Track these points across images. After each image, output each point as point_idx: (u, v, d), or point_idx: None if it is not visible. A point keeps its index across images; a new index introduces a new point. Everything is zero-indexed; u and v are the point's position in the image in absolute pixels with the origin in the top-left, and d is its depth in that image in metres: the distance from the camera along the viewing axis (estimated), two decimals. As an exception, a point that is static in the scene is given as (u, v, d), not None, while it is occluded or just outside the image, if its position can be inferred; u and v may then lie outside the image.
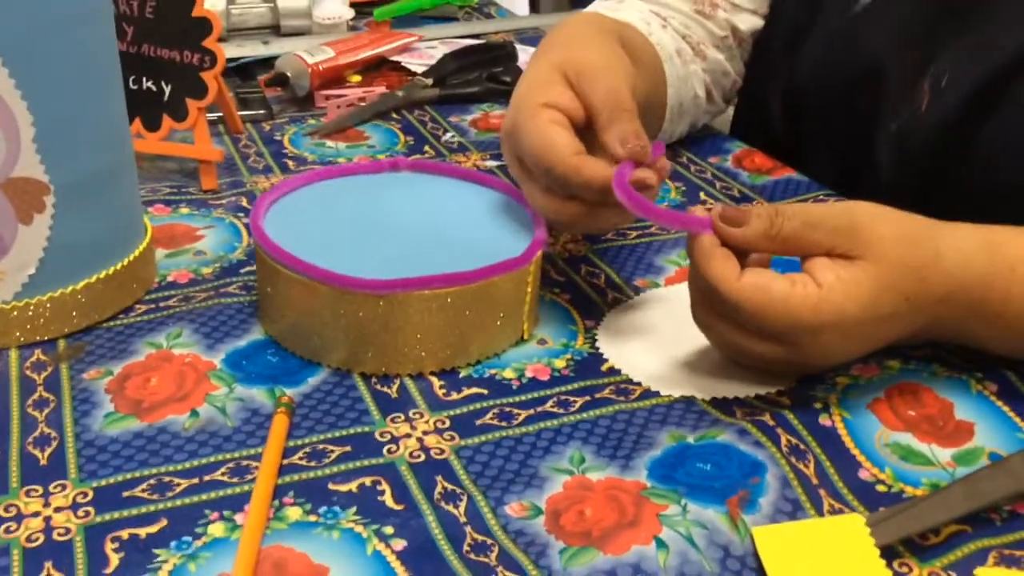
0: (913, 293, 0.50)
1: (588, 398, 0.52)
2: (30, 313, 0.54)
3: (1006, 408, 0.53)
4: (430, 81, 0.97)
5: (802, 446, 0.49)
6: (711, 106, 0.85)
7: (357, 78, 1.00)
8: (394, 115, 0.93)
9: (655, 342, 0.57)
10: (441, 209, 0.61)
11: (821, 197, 0.77)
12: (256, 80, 0.99)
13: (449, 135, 0.88)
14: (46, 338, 0.55)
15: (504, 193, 0.62)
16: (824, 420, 0.51)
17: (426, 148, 0.85)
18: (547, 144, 0.54)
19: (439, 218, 0.60)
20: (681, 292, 0.55)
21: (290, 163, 0.81)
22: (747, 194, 0.78)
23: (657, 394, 0.53)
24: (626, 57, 0.61)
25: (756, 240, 0.50)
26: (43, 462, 0.46)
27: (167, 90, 0.75)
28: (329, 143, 0.86)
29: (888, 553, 0.43)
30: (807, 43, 0.81)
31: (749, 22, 0.84)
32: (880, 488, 0.47)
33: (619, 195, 0.51)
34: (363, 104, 0.93)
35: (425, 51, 1.08)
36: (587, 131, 0.56)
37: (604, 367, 0.55)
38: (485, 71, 1.00)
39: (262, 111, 0.91)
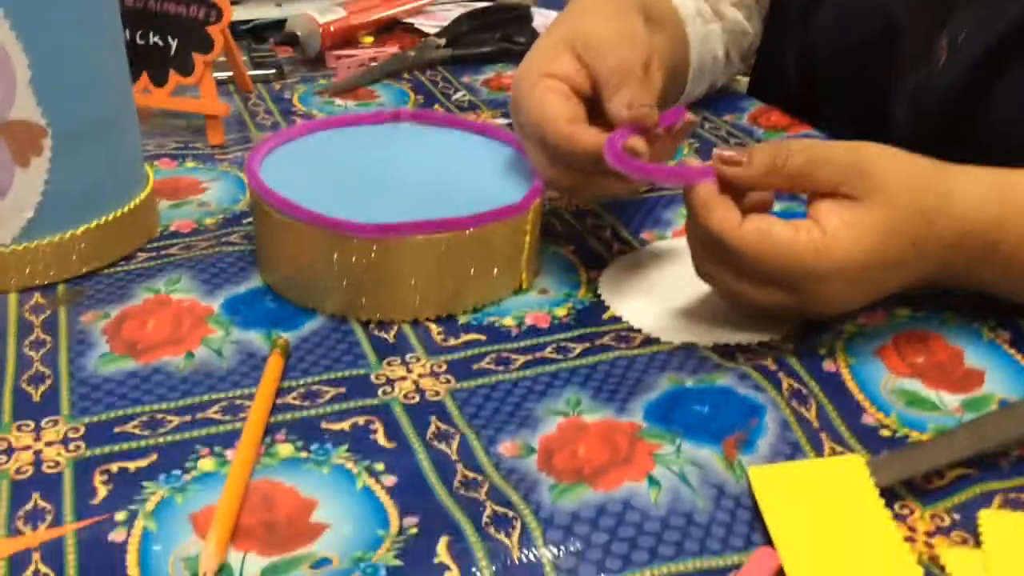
0: (921, 238, 0.48)
1: (588, 344, 0.51)
2: (29, 257, 0.54)
3: (1018, 356, 0.51)
4: (443, 41, 0.96)
5: (804, 390, 0.48)
6: (729, 67, 0.83)
7: (369, 39, 0.99)
8: (405, 75, 0.92)
9: (659, 291, 0.56)
10: (442, 160, 0.60)
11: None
12: (268, 43, 0.98)
13: (460, 94, 0.87)
14: (45, 282, 0.55)
15: (507, 144, 0.62)
16: (828, 365, 0.50)
17: (436, 107, 0.84)
18: (541, 113, 0.53)
19: (439, 168, 0.59)
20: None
21: (298, 120, 0.81)
22: (760, 150, 0.76)
23: (658, 342, 0.52)
24: (641, 27, 0.59)
25: (760, 177, 0.48)
26: (36, 399, 0.46)
27: (173, 45, 0.74)
28: (338, 101, 0.85)
29: (889, 495, 0.42)
30: (822, 5, 0.79)
31: None
32: (884, 432, 0.46)
33: (609, 159, 0.50)
34: (374, 64, 0.92)
35: (439, 13, 1.07)
36: (596, 104, 0.55)
37: (606, 315, 0.54)
38: (499, 32, 0.99)
39: (272, 71, 0.91)
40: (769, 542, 0.39)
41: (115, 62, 0.56)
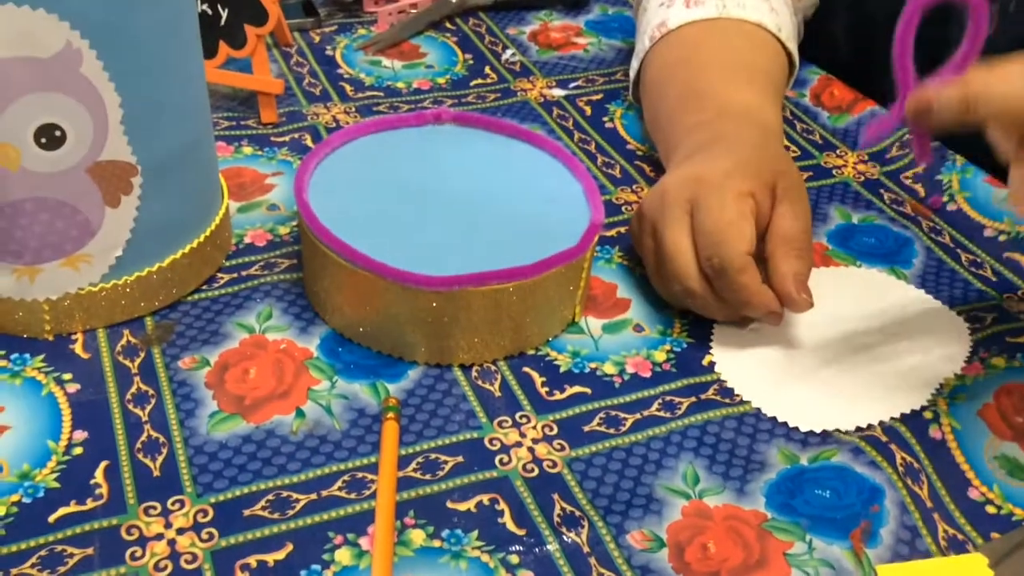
0: None
1: (694, 399, 0.52)
2: (117, 294, 0.52)
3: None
4: (485, -15, 0.91)
5: (916, 464, 0.49)
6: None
7: (407, -23, 0.93)
8: (447, 24, 0.88)
9: (773, 360, 0.54)
10: (489, 173, 0.58)
11: (907, 137, 0.74)
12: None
13: (509, 53, 0.84)
14: (133, 317, 0.53)
15: (552, 155, 0.60)
16: (934, 431, 0.51)
17: (487, 70, 0.81)
18: (735, 229, 0.51)
19: (489, 186, 0.57)
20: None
21: (347, 87, 0.77)
22: (828, 139, 0.75)
23: (761, 393, 0.52)
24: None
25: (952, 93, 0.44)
26: (156, 473, 0.45)
27: (224, 14, 0.70)
28: (385, 61, 0.81)
29: (1006, 591, 0.43)
30: None
31: None
32: (990, 509, 0.47)
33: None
34: (416, 13, 0.87)
35: (473, -58, 1.01)
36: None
37: (705, 360, 0.54)
38: (541, -28, 0.94)
39: (310, 19, 0.86)
40: (902, 650, 0.41)
41: (199, 85, 0.53)
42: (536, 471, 0.47)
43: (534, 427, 0.49)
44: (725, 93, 0.64)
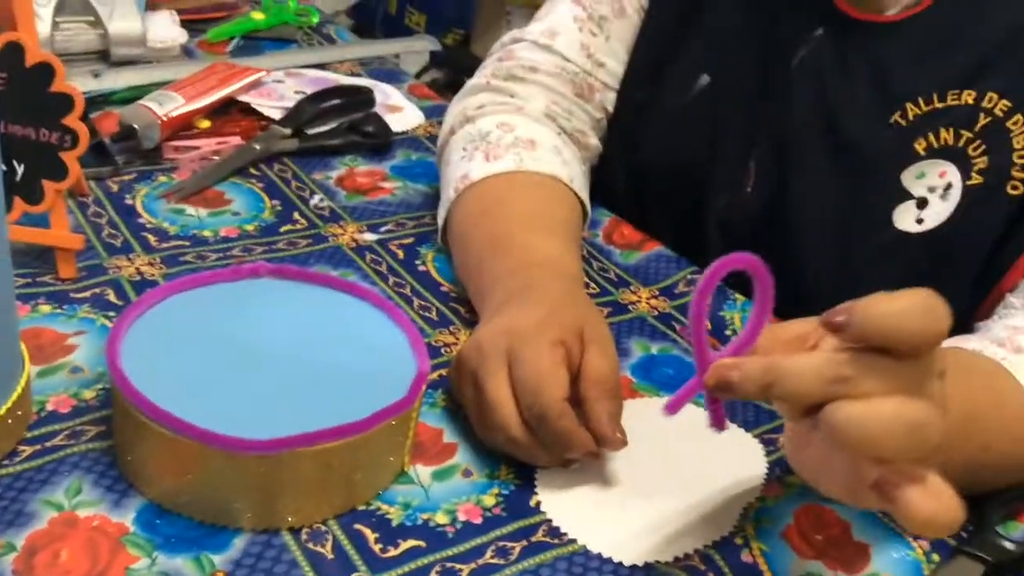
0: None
1: (525, 542, 0.53)
2: (-96, 480, 0.48)
3: (894, 524, 0.57)
4: (288, 131, 0.93)
5: (733, 591, 0.52)
6: None
7: (206, 123, 0.93)
8: (252, 170, 0.88)
9: (592, 495, 0.56)
10: (310, 326, 0.58)
11: (690, 276, 0.80)
12: (88, 119, 0.90)
13: (317, 198, 0.85)
14: (-77, 504, 0.49)
15: (374, 305, 0.61)
16: (746, 556, 0.54)
17: (296, 216, 0.82)
18: (550, 377, 0.54)
19: (309, 339, 0.57)
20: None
21: (150, 237, 0.75)
22: (623, 276, 0.79)
23: (589, 533, 0.54)
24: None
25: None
26: None
27: (20, 170, 0.67)
28: (189, 210, 0.80)
29: None
30: (649, 122, 0.83)
31: (613, 98, 0.85)
32: (803, 630, 0.51)
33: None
34: (219, 159, 0.87)
35: (274, 87, 1.02)
36: None
37: (532, 501, 0.56)
38: (344, 118, 0.96)
39: (107, 168, 0.84)
40: None
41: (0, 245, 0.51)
42: (375, 635, 0.46)
43: (370, 588, 0.49)
44: (528, 242, 0.68)
